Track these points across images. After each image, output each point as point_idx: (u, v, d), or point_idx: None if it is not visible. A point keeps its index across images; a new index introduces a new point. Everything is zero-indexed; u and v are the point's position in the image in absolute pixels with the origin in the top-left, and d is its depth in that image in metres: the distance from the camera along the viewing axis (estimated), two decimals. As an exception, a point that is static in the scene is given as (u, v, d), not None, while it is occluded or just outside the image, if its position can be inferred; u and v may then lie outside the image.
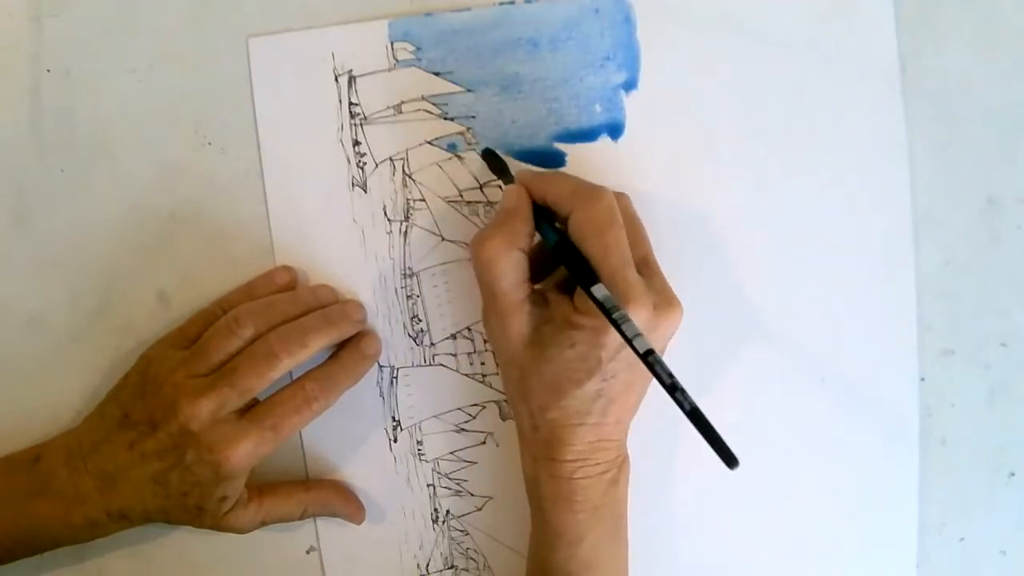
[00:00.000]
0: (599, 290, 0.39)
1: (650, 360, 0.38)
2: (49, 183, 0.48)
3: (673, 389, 0.37)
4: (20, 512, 0.44)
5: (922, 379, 0.48)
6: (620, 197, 0.43)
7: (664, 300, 0.41)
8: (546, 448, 0.42)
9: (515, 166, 0.47)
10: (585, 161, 0.48)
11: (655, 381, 0.38)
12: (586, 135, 0.47)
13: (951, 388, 0.49)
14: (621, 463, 0.44)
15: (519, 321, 0.42)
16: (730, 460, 0.36)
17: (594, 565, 0.43)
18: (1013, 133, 0.48)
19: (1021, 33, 0.47)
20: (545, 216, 0.42)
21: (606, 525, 0.43)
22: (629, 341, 0.38)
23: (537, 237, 0.43)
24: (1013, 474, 0.49)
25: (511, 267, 0.41)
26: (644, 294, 0.39)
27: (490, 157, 0.46)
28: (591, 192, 0.41)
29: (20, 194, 0.48)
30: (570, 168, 0.48)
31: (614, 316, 0.38)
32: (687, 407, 0.37)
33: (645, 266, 0.42)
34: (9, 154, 0.48)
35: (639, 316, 0.39)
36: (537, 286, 0.44)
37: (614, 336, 0.39)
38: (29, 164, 0.48)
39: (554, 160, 0.48)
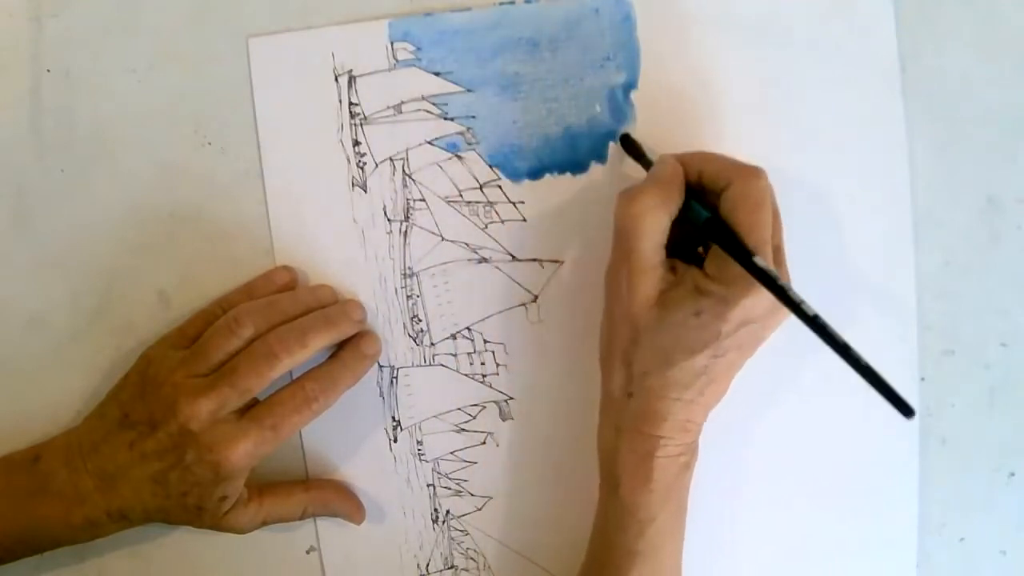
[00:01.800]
0: (760, 260, 0.39)
1: (819, 323, 0.38)
2: (49, 183, 0.48)
3: (846, 349, 0.37)
4: (20, 512, 0.44)
5: (922, 379, 0.48)
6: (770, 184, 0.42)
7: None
8: (635, 419, 0.42)
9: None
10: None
11: None
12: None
13: (951, 388, 0.49)
14: (694, 450, 0.43)
15: (650, 281, 0.41)
16: (907, 411, 0.37)
17: (660, 547, 0.43)
18: (1013, 133, 0.48)
19: (1021, 33, 0.47)
20: (693, 194, 0.42)
21: (673, 509, 0.43)
22: (796, 305, 0.38)
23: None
24: (1013, 474, 0.49)
25: (658, 228, 0.41)
26: (775, 278, 0.39)
27: (627, 142, 0.46)
28: (752, 169, 0.41)
29: (20, 194, 0.48)
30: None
31: (779, 283, 0.38)
32: (860, 365, 0.37)
33: (777, 253, 0.42)
34: (9, 154, 0.48)
35: (767, 296, 0.39)
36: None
37: (739, 312, 0.40)
38: (29, 164, 0.48)
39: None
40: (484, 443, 0.49)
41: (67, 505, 0.44)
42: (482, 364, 0.49)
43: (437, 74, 0.48)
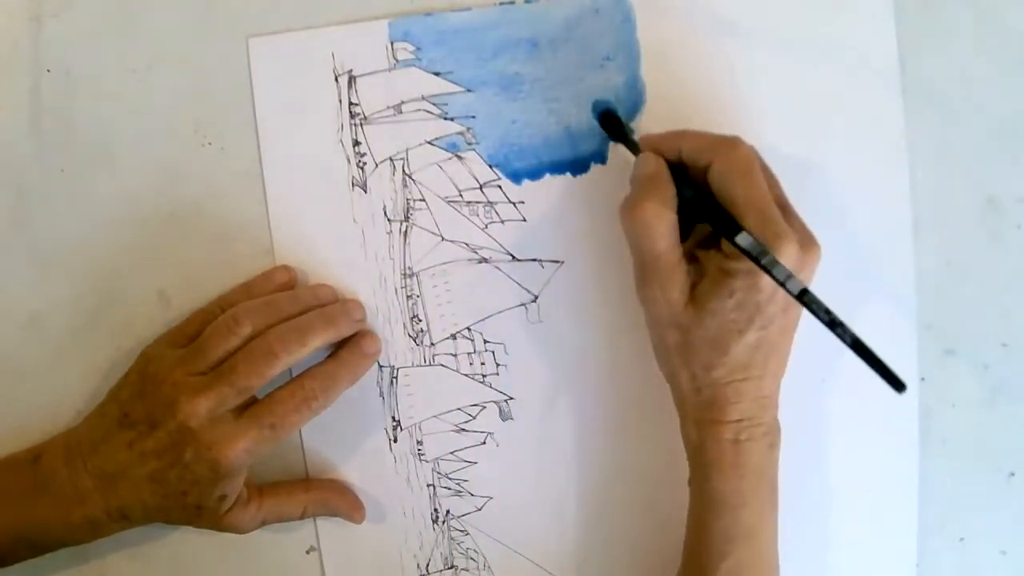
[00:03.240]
0: (744, 238, 0.39)
1: (806, 299, 0.38)
2: (49, 183, 0.48)
3: (833, 324, 0.38)
4: (20, 512, 0.44)
5: (922, 379, 0.48)
6: (752, 148, 0.43)
7: (807, 238, 0.41)
8: (710, 410, 0.42)
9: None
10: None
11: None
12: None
13: (951, 388, 0.49)
14: (777, 428, 0.44)
15: (679, 280, 0.42)
16: (898, 385, 0.37)
17: (756, 531, 0.43)
18: (1013, 133, 0.48)
19: (1021, 33, 0.47)
20: (676, 173, 0.42)
21: (765, 491, 0.43)
22: (781, 283, 0.38)
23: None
24: (1013, 474, 0.49)
25: (668, 228, 0.41)
26: (790, 231, 0.40)
27: (608, 120, 0.46)
28: (729, 140, 0.41)
29: (20, 194, 0.48)
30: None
31: (763, 261, 0.39)
32: (848, 339, 0.37)
33: (783, 207, 0.42)
34: (9, 154, 0.48)
35: (790, 253, 0.39)
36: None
37: (768, 279, 0.40)
38: (29, 164, 0.48)
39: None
40: (484, 443, 0.49)
41: (67, 505, 0.44)
42: (482, 364, 0.49)
43: (437, 74, 0.48)
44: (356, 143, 0.48)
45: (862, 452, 0.48)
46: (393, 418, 0.49)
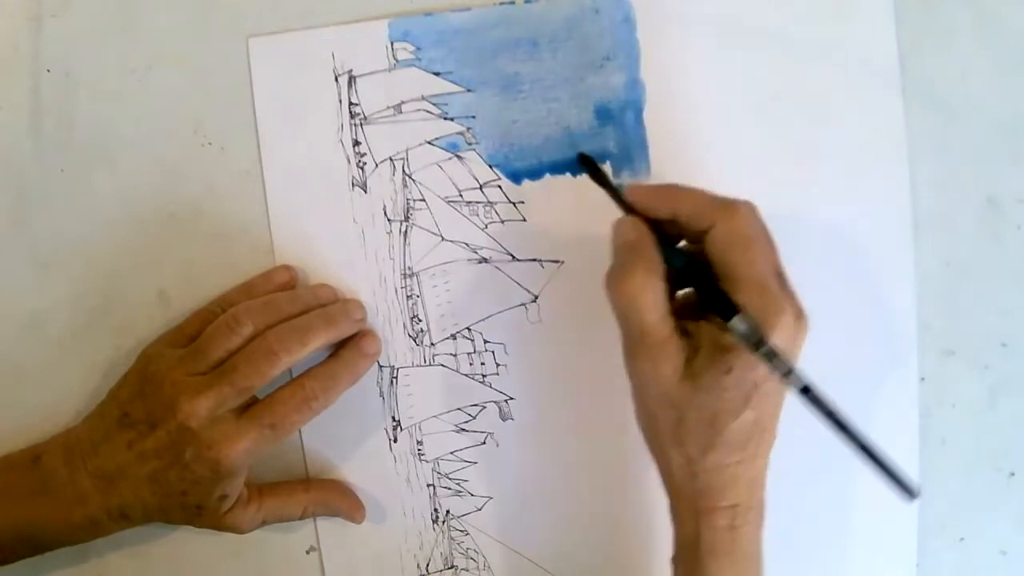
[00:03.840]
0: (739, 323, 0.37)
1: (810, 397, 0.36)
2: (49, 183, 0.48)
3: (840, 426, 0.36)
4: (20, 512, 0.44)
5: (922, 379, 0.48)
6: (752, 207, 0.40)
7: (800, 310, 0.39)
8: (706, 497, 0.40)
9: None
10: (585, 161, 0.48)
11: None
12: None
13: (951, 388, 0.49)
14: (764, 504, 0.41)
15: (672, 354, 0.39)
16: (909, 491, 0.35)
17: None
18: (1013, 133, 0.48)
19: (1021, 33, 0.47)
20: (663, 236, 0.40)
21: (753, 571, 0.41)
22: (784, 377, 0.36)
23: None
24: (1013, 474, 0.49)
25: (657, 299, 0.39)
26: (790, 304, 0.38)
27: (588, 164, 0.44)
28: (731, 204, 0.39)
29: (20, 194, 0.48)
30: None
31: (761, 351, 0.36)
32: (858, 443, 0.36)
33: (779, 276, 0.40)
34: (9, 154, 0.48)
35: (787, 326, 0.37)
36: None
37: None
38: (29, 164, 0.48)
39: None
40: (484, 443, 0.49)
41: (67, 505, 0.44)
42: (482, 364, 0.49)
43: (437, 74, 0.48)
44: (356, 143, 0.48)
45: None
46: (393, 418, 0.49)
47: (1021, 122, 0.48)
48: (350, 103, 0.48)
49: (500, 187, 0.48)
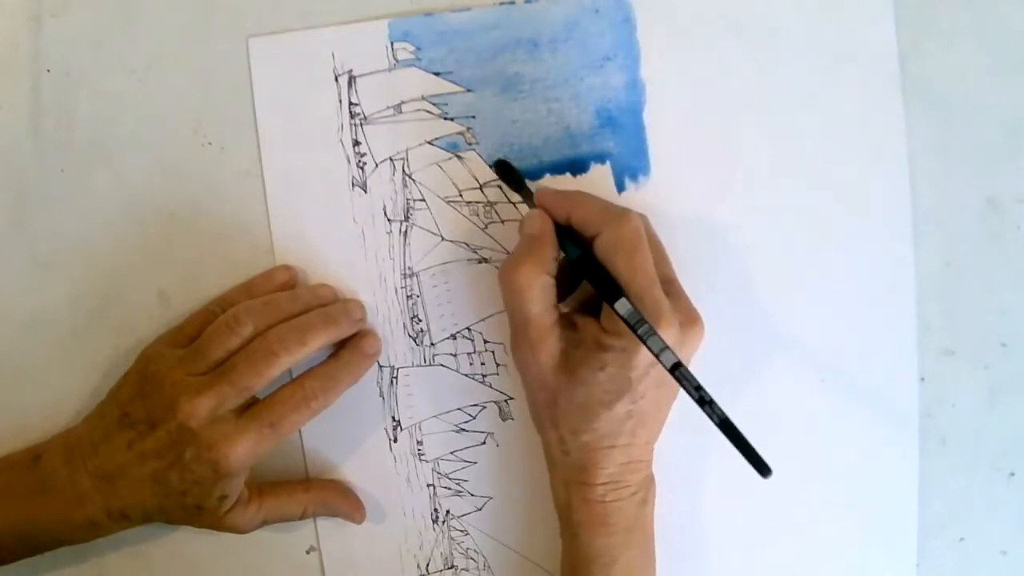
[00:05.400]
0: (623, 305, 0.39)
1: (678, 374, 0.38)
2: (49, 183, 0.48)
3: (702, 402, 0.38)
4: (20, 512, 0.44)
5: (922, 379, 0.48)
6: (642, 218, 0.43)
7: (689, 318, 0.42)
8: (578, 472, 0.43)
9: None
10: (585, 161, 0.48)
11: (680, 398, 0.38)
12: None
13: (951, 388, 0.49)
14: (649, 483, 0.44)
15: (550, 345, 0.42)
16: (763, 469, 0.37)
17: None
18: (1013, 133, 0.48)
19: (1021, 33, 0.47)
20: (565, 232, 0.43)
21: (637, 545, 0.43)
22: (656, 355, 0.39)
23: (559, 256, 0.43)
24: (1013, 474, 0.49)
25: (541, 292, 0.42)
26: (671, 313, 0.40)
27: (503, 169, 0.46)
28: (619, 214, 0.41)
29: (20, 194, 0.48)
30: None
31: (639, 331, 0.39)
32: (716, 418, 0.38)
33: (668, 284, 0.43)
34: (9, 154, 0.48)
35: (668, 334, 0.39)
36: (562, 307, 0.44)
37: (643, 356, 0.40)
38: (29, 164, 0.48)
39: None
40: (484, 443, 0.49)
41: (67, 505, 0.44)
42: (482, 364, 0.49)
43: (437, 74, 0.48)
44: (356, 143, 0.48)
45: (862, 452, 0.48)
46: (393, 418, 0.49)
47: (1021, 122, 0.48)
48: (350, 103, 0.48)
49: (500, 187, 0.48)
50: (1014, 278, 0.48)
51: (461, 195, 0.48)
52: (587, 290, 0.44)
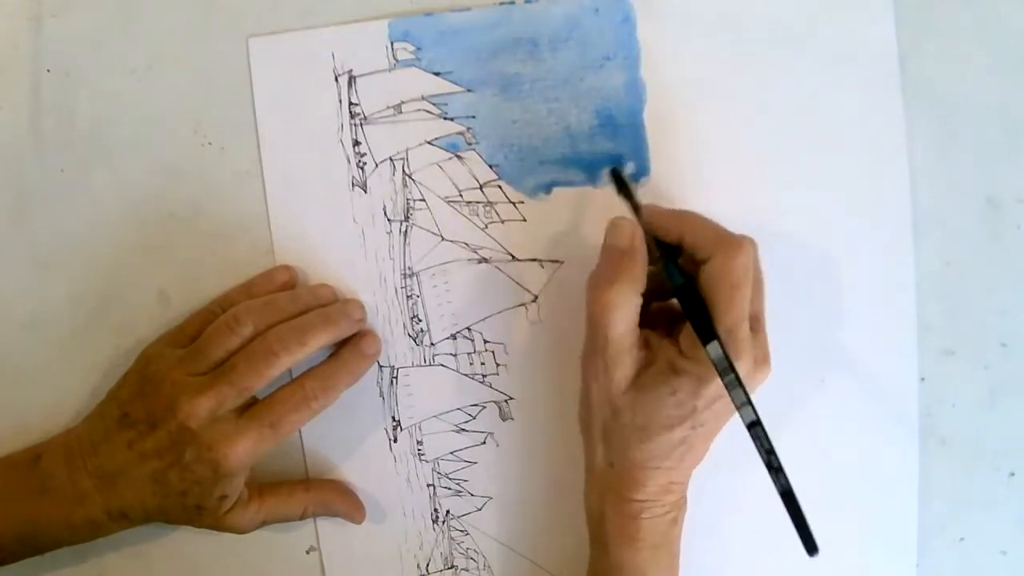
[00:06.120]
0: (714, 349, 0.39)
1: (753, 432, 0.39)
2: (49, 183, 0.48)
3: (771, 467, 0.39)
4: (20, 512, 0.44)
5: (922, 379, 0.48)
6: (755, 248, 0.42)
7: (762, 356, 0.41)
8: (618, 486, 0.42)
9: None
10: (585, 161, 0.48)
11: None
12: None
13: (951, 388, 0.49)
14: (682, 504, 0.44)
15: (626, 366, 0.41)
16: (811, 547, 0.38)
17: None
18: (1013, 133, 0.48)
19: (1021, 33, 0.47)
20: (670, 253, 0.42)
21: (663, 563, 0.43)
22: (737, 408, 0.39)
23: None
24: (1013, 474, 0.49)
25: (630, 313, 0.41)
26: (749, 351, 0.40)
27: (619, 179, 0.45)
28: (735, 243, 0.40)
29: (20, 194, 0.48)
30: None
31: (725, 380, 0.39)
32: (780, 487, 0.39)
33: (755, 321, 0.42)
34: (9, 154, 0.48)
35: (740, 368, 0.39)
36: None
37: (715, 387, 0.40)
38: (29, 164, 0.48)
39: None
40: (484, 443, 0.49)
41: (67, 505, 0.44)
42: (482, 364, 0.49)
43: (437, 74, 0.48)
44: (356, 143, 0.48)
45: (862, 452, 0.48)
46: (393, 418, 0.49)
47: (1021, 122, 0.48)
48: (350, 103, 0.48)
49: (500, 187, 0.48)
50: (1014, 278, 0.48)
51: (461, 195, 0.48)
52: (663, 307, 0.44)
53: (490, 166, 0.48)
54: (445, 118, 0.48)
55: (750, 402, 0.39)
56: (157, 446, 0.43)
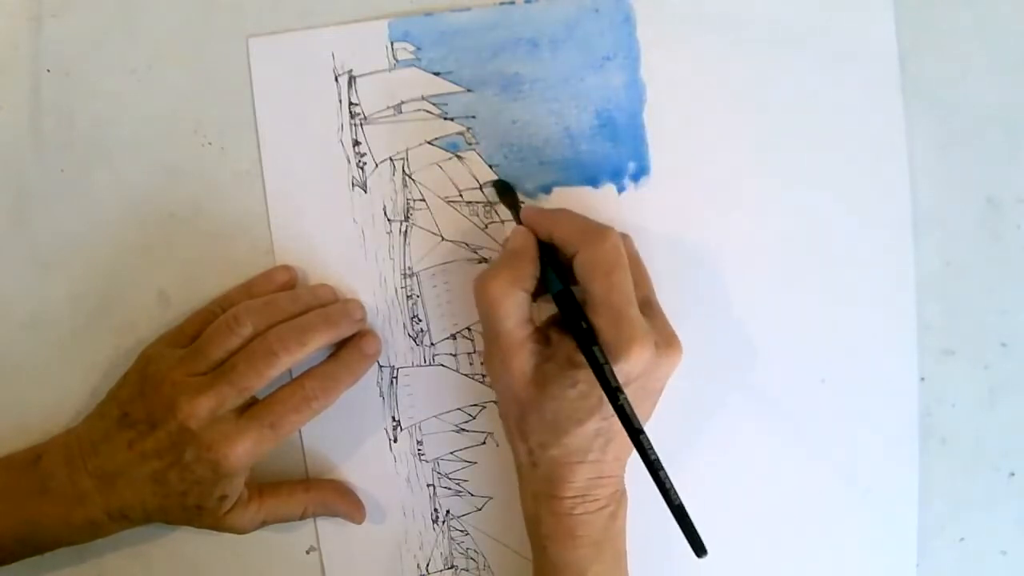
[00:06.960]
0: (596, 355, 0.39)
1: (639, 440, 0.39)
2: (49, 183, 0.48)
3: (654, 469, 0.39)
4: (20, 512, 0.44)
5: (922, 379, 0.48)
6: (624, 238, 0.43)
7: (665, 340, 0.42)
8: (546, 485, 0.42)
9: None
10: (585, 161, 0.48)
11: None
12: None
13: (951, 388, 0.49)
14: (620, 497, 0.44)
15: (521, 359, 0.42)
16: (699, 549, 0.39)
17: None
18: (1013, 133, 0.48)
19: (1021, 33, 0.47)
20: (551, 256, 0.43)
21: (607, 559, 0.43)
22: (622, 414, 0.39)
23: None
24: (1013, 474, 0.49)
25: (514, 307, 0.41)
26: (647, 334, 0.40)
27: (502, 189, 0.47)
28: (597, 232, 0.41)
29: (20, 194, 0.48)
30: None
31: (606, 377, 0.39)
32: (669, 492, 0.39)
33: (647, 306, 0.43)
34: (9, 154, 0.48)
35: (642, 356, 0.39)
36: (536, 322, 0.44)
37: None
38: (29, 164, 0.48)
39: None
40: (484, 443, 0.49)
41: (67, 505, 0.44)
42: (482, 364, 0.49)
43: (437, 74, 0.48)
44: (356, 143, 0.48)
45: (862, 452, 0.48)
46: (393, 418, 0.49)
47: (1021, 122, 0.48)
48: (350, 103, 0.48)
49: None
50: (1014, 278, 0.48)
51: (461, 195, 0.48)
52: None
53: (490, 166, 0.48)
54: (445, 118, 0.48)
55: (632, 411, 0.39)
56: (157, 446, 0.43)
